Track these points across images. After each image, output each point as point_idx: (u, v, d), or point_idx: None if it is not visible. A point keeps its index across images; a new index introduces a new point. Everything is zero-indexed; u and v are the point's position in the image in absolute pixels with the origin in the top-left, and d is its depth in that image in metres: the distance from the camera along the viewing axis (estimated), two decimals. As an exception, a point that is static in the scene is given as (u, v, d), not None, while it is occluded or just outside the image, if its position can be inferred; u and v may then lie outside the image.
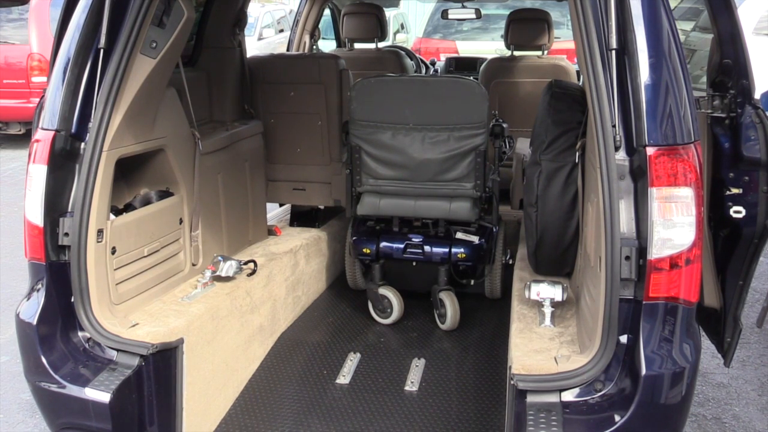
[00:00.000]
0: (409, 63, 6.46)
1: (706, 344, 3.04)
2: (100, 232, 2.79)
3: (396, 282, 4.25)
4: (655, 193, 2.31)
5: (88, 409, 2.59)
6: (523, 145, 4.05)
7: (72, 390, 2.62)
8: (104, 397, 2.56)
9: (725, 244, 2.89)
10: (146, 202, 3.23)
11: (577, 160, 3.12)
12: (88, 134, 2.77)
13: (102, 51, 2.78)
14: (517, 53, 5.65)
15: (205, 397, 3.14)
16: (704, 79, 3.13)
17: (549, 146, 3.19)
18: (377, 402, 3.38)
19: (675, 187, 2.30)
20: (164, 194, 3.31)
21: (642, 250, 2.34)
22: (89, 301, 2.75)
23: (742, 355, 4.72)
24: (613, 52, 2.37)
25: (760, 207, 2.75)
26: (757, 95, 2.85)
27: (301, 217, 4.76)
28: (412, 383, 3.55)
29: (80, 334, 2.78)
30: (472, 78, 3.95)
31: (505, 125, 4.08)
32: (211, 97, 4.19)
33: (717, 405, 4.18)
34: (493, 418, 3.22)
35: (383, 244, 4.11)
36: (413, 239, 4.09)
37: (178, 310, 3.08)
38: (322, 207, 4.80)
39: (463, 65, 7.12)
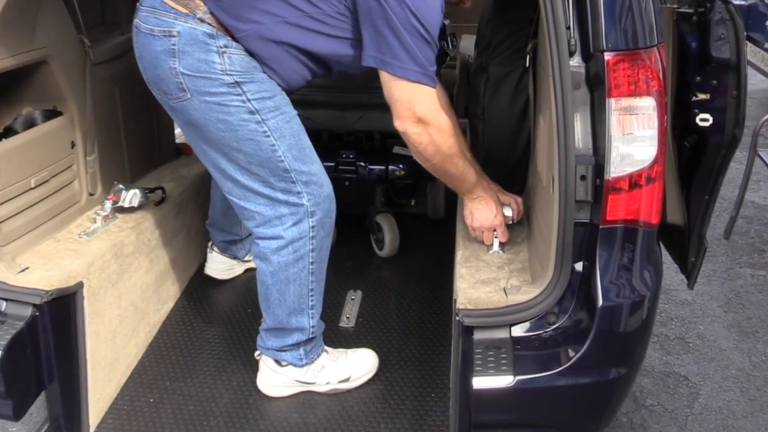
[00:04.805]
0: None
1: (671, 259, 3.12)
2: None
3: None
4: (614, 104, 2.28)
5: (-25, 369, 2.54)
6: (468, 44, 3.99)
7: (-45, 349, 2.56)
8: None
9: (690, 155, 2.91)
10: (30, 124, 3.09)
11: (527, 64, 3.08)
12: (-48, 47, 2.63)
13: None
14: None
15: (113, 346, 3.11)
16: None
17: (496, 48, 3.15)
18: (310, 341, 3.39)
19: (636, 98, 2.28)
20: (51, 114, 3.17)
21: (599, 169, 2.34)
22: None
23: (708, 269, 4.87)
24: (568, -61, 2.31)
25: (728, 114, 2.74)
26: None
27: None
28: (348, 319, 3.58)
29: (-40, 283, 2.70)
30: None
31: (446, 22, 4.01)
32: None
33: (681, 324, 4.34)
34: (438, 355, 3.27)
35: None
36: (345, 155, 4.05)
37: (76, 250, 3.00)
38: None
39: None
